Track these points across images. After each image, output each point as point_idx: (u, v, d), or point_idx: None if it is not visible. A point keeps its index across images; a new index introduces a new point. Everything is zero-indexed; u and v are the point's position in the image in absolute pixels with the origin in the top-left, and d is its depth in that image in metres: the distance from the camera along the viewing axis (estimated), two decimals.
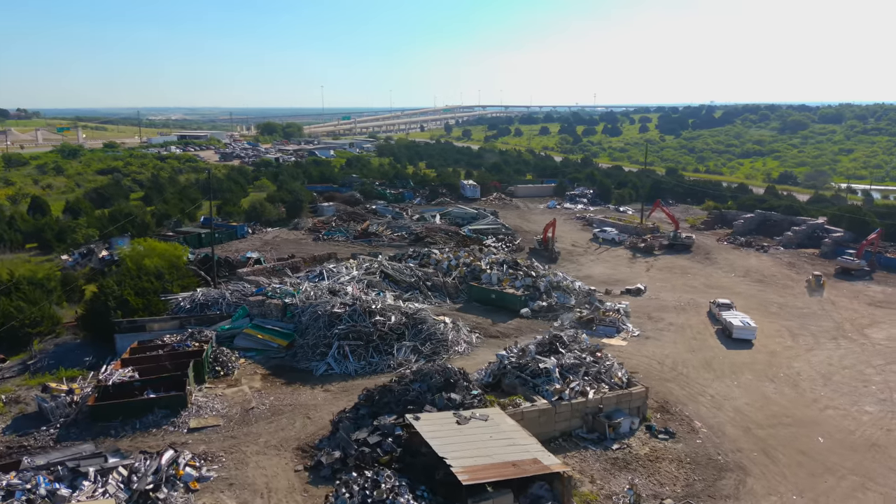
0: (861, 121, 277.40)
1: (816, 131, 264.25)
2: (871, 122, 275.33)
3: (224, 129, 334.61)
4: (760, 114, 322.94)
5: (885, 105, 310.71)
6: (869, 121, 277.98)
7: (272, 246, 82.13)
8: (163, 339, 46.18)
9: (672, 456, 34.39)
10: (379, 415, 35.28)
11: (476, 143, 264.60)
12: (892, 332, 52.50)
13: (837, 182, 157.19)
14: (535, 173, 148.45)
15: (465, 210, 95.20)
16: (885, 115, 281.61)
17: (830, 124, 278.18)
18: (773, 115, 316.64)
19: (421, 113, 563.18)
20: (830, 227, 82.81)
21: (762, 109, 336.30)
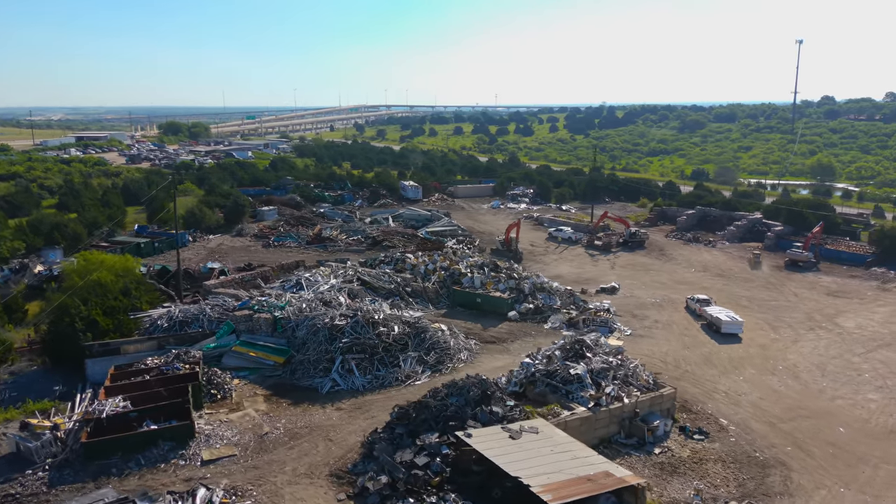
0: (753, 119, 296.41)
1: (714, 130, 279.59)
2: (762, 120, 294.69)
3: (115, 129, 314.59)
4: (660, 114, 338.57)
5: (772, 105, 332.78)
6: (760, 119, 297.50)
7: (220, 255, 77.49)
8: (145, 363, 42.03)
9: (714, 456, 34.49)
10: (417, 433, 33.37)
11: (392, 143, 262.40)
12: (860, 320, 55.47)
13: (745, 178, 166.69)
14: (465, 173, 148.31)
15: (418, 212, 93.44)
16: (774, 114, 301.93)
17: (725, 123, 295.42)
18: (672, 115, 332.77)
19: (326, 112, 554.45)
20: (769, 222, 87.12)
21: (661, 110, 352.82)
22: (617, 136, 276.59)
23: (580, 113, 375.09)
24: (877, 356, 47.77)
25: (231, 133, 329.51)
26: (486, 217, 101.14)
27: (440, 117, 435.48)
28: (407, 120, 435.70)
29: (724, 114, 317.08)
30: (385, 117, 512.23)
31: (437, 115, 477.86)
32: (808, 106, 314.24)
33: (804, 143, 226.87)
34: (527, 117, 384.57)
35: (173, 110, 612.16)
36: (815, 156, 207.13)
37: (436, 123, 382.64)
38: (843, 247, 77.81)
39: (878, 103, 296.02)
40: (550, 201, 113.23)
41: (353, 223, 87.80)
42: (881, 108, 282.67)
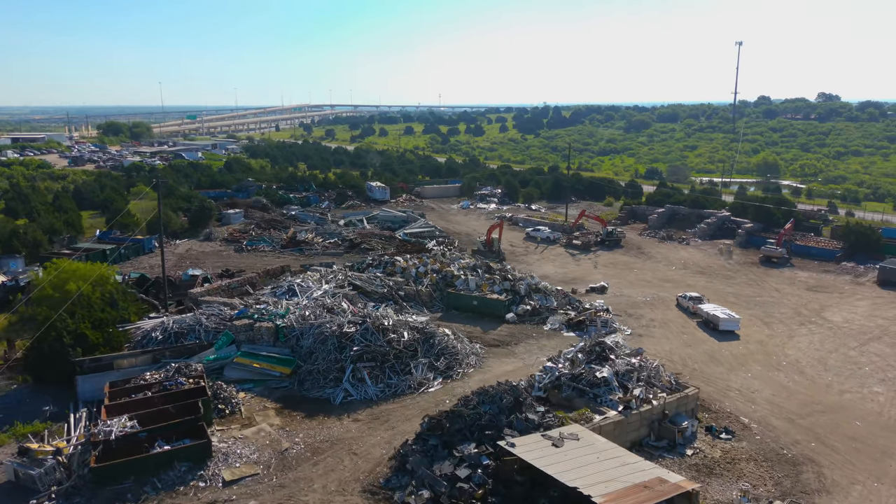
0: (695, 119, 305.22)
1: (659, 130, 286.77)
2: (703, 120, 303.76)
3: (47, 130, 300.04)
4: (605, 114, 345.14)
5: (711, 105, 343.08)
6: (701, 119, 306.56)
7: (192, 260, 74.36)
8: (144, 378, 39.51)
9: (744, 455, 34.56)
10: (452, 444, 32.25)
11: (343, 143, 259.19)
12: (845, 315, 57.08)
13: (695, 177, 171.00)
14: (426, 174, 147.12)
15: (393, 213, 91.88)
16: (714, 114, 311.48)
17: (669, 123, 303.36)
18: (617, 115, 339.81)
19: (269, 112, 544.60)
20: (737, 219, 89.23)
21: (605, 110, 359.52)
22: (566, 135, 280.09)
23: (527, 113, 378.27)
24: (871, 349, 49.11)
25: (172, 133, 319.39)
26: (458, 217, 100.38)
27: (387, 117, 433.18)
28: (353, 119, 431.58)
29: (667, 114, 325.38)
30: (331, 117, 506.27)
31: (382, 115, 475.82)
32: (746, 106, 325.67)
33: (747, 143, 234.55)
34: (476, 117, 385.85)
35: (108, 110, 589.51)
36: (759, 154, 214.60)
37: (384, 123, 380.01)
38: (811, 242, 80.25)
39: (812, 103, 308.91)
40: (518, 201, 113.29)
41: (326, 226, 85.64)
42: (815, 107, 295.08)
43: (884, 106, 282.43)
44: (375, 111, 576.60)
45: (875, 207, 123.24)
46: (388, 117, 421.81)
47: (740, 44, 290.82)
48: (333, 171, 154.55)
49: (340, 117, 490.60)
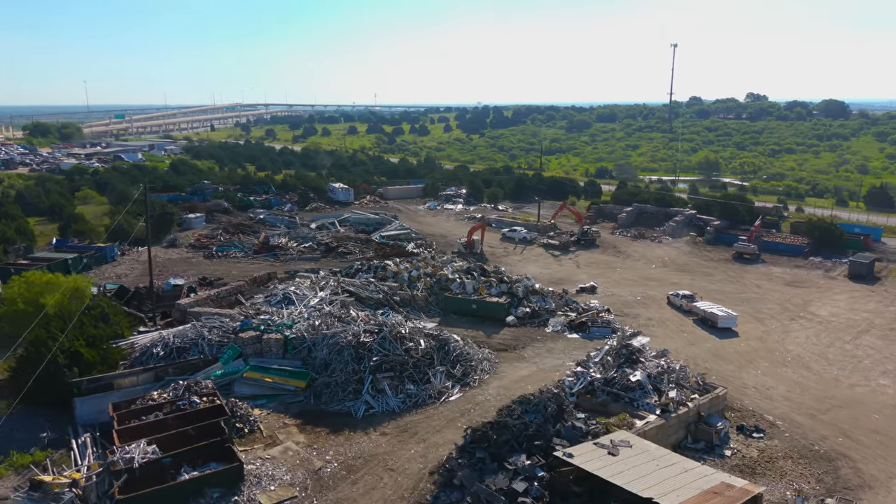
0: (633, 119, 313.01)
1: (600, 129, 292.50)
2: (639, 120, 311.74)
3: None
4: (546, 114, 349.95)
5: (647, 105, 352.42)
6: (638, 119, 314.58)
7: (160, 269, 70.55)
8: (152, 398, 36.86)
9: (780, 454, 34.86)
10: (500, 456, 31.22)
11: (286, 143, 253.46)
12: (830, 309, 58.94)
13: (642, 175, 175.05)
14: (381, 174, 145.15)
15: (365, 216, 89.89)
16: (650, 114, 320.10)
17: (608, 123, 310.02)
18: (558, 115, 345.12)
19: (200, 111, 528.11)
20: (703, 217, 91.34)
21: (546, 110, 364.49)
22: (511, 135, 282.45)
23: (468, 113, 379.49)
24: (864, 342, 50.75)
25: (100, 134, 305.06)
26: (428, 219, 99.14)
27: (326, 117, 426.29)
28: (292, 119, 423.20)
29: (606, 114, 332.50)
30: (267, 116, 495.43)
31: (320, 115, 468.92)
32: (679, 106, 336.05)
33: (685, 142, 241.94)
34: (419, 117, 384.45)
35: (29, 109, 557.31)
36: (698, 153, 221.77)
37: (325, 123, 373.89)
38: (778, 239, 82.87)
39: (742, 103, 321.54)
40: (483, 201, 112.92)
41: (298, 229, 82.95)
42: (746, 107, 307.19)
43: (809, 105, 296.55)
44: (311, 110, 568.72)
45: (816, 203, 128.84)
46: (327, 117, 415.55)
47: (675, 46, 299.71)
48: (286, 172, 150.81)
49: (277, 117, 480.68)
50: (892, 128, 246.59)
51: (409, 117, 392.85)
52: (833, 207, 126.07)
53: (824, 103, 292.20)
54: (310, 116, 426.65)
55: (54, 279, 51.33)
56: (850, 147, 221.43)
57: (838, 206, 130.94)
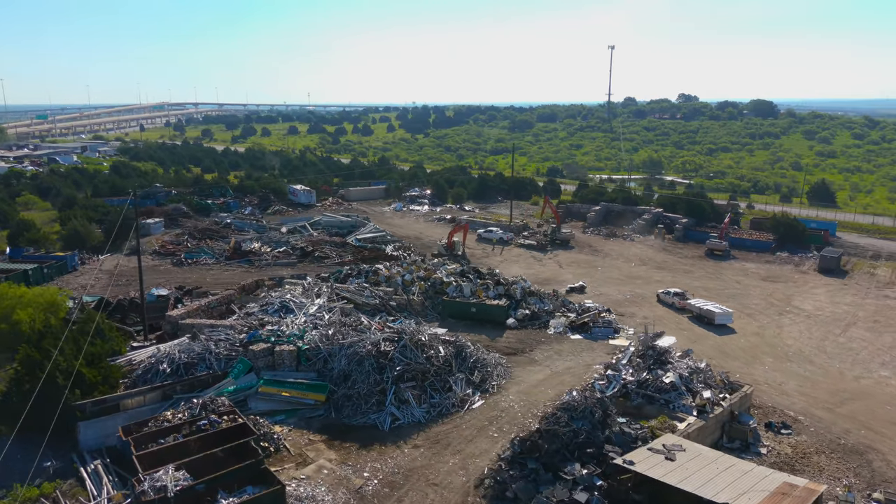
0: (573, 119, 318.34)
1: (542, 129, 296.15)
2: (579, 120, 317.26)
3: None
4: (488, 114, 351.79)
5: (585, 105, 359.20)
6: (577, 119, 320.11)
7: (128, 278, 66.73)
8: (166, 419, 34.30)
9: (812, 449, 35.34)
10: (553, 466, 30.39)
11: (224, 143, 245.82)
12: (813, 302, 60.72)
13: (594, 174, 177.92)
14: (333, 175, 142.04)
15: (338, 218, 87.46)
16: (590, 114, 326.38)
17: (549, 123, 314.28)
18: (500, 115, 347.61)
19: (127, 110, 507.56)
20: (669, 215, 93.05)
21: (488, 110, 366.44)
22: (455, 135, 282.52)
23: (409, 113, 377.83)
24: (854, 335, 52.42)
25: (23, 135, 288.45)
26: (396, 220, 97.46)
27: (263, 116, 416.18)
28: (227, 119, 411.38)
29: (546, 114, 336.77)
30: (199, 116, 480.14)
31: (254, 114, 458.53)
32: (616, 106, 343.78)
33: (627, 141, 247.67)
34: (359, 117, 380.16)
35: None
36: (639, 152, 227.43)
37: (262, 122, 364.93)
38: (745, 235, 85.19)
39: (675, 104, 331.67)
40: (448, 202, 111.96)
41: (269, 234, 79.97)
42: (679, 108, 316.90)
43: (739, 105, 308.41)
44: (243, 110, 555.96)
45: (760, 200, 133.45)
46: (264, 116, 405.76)
47: (612, 48, 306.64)
48: (234, 174, 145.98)
49: (210, 116, 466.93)
50: (818, 126, 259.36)
51: (348, 117, 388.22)
52: (777, 203, 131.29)
53: (753, 103, 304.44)
54: (246, 116, 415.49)
55: (27, 293, 47.64)
56: (782, 145, 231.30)
57: (782, 202, 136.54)
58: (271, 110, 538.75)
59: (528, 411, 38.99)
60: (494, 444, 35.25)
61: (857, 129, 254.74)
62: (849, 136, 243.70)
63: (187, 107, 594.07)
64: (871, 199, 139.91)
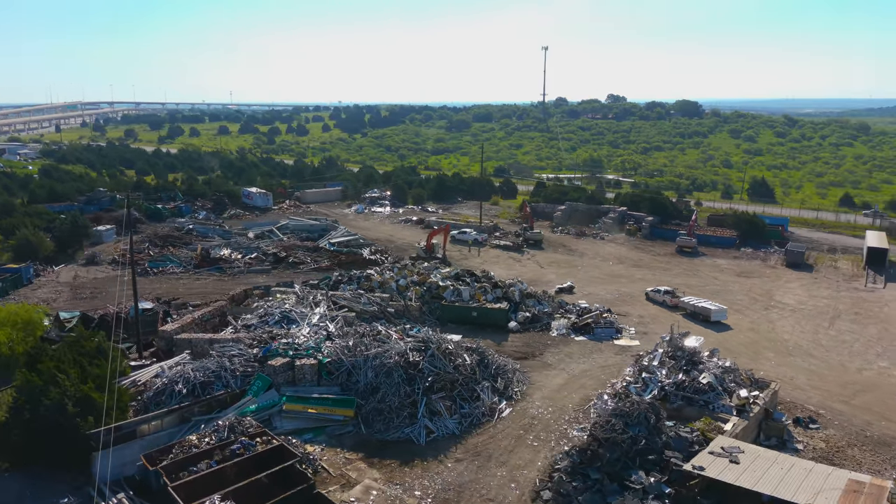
0: (509, 119, 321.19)
1: (479, 129, 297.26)
2: (514, 120, 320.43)
3: None
4: (424, 114, 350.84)
5: (519, 105, 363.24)
6: (513, 119, 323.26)
7: (92, 290, 62.46)
8: (192, 444, 31.64)
9: (843, 442, 36.03)
10: (617, 475, 29.71)
11: (151, 144, 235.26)
12: (793, 297, 62.63)
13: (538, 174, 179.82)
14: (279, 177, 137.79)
15: (306, 222, 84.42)
16: (525, 114, 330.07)
17: (486, 122, 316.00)
18: (435, 115, 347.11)
19: (36, 110, 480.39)
20: (633, 213, 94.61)
21: (424, 110, 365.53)
22: (394, 134, 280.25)
23: (343, 113, 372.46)
24: (842, 328, 54.28)
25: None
26: (361, 223, 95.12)
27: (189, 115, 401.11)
28: (149, 118, 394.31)
29: (482, 114, 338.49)
30: (117, 115, 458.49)
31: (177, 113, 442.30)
32: (549, 106, 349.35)
33: (565, 141, 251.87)
34: (292, 116, 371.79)
35: None
36: (577, 151, 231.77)
37: (189, 122, 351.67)
38: (709, 232, 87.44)
39: (605, 104, 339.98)
40: (408, 203, 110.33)
41: (236, 239, 76.36)
42: (610, 108, 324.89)
43: (666, 105, 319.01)
44: (162, 109, 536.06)
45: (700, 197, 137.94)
46: (190, 116, 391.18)
47: (546, 49, 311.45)
48: (173, 176, 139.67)
49: (129, 115, 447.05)
50: (742, 125, 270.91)
51: (279, 116, 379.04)
52: (720, 200, 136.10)
53: (679, 103, 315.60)
54: (170, 115, 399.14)
55: (2, 310, 43.44)
56: (711, 144, 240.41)
57: (724, 199, 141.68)
58: (192, 109, 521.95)
59: (559, 417, 38.28)
60: (537, 454, 34.35)
61: (778, 127, 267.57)
62: (771, 135, 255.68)
63: (102, 106, 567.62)
64: (803, 195, 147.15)
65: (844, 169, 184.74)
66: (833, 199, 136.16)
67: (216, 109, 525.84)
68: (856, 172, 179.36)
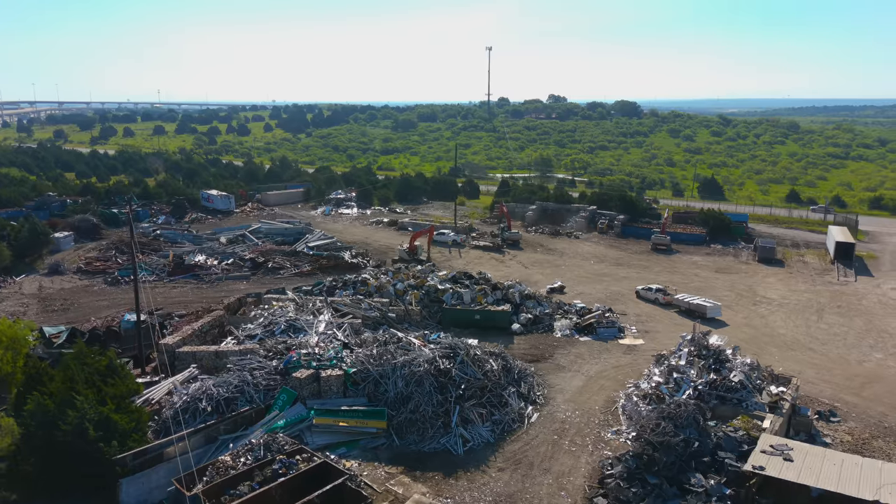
0: (454, 118, 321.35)
1: (426, 129, 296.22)
2: (460, 120, 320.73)
3: None
4: (368, 113, 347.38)
5: (463, 106, 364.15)
6: (458, 119, 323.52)
7: (62, 302, 58.70)
8: (229, 465, 29.63)
9: (866, 434, 36.90)
10: (675, 479, 29.43)
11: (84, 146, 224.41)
12: (775, 291, 64.25)
13: (493, 174, 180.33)
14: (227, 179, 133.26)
15: (279, 225, 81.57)
16: (469, 114, 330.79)
17: (431, 122, 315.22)
18: (380, 115, 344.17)
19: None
20: (602, 211, 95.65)
21: (367, 109, 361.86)
22: (339, 134, 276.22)
23: (284, 113, 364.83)
24: (831, 321, 55.93)
25: None
26: (331, 225, 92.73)
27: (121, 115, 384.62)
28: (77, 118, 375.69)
29: (427, 113, 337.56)
30: (42, 115, 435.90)
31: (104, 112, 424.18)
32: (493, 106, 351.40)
33: (513, 140, 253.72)
34: (231, 116, 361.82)
35: None
36: (525, 150, 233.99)
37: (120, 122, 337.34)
38: (679, 229, 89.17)
39: (547, 104, 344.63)
40: (374, 204, 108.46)
41: (207, 245, 73.10)
42: (553, 108, 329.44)
43: (606, 105, 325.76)
44: (87, 108, 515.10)
45: (651, 194, 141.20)
46: (122, 116, 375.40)
47: (490, 49, 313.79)
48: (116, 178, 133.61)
49: (55, 115, 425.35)
50: (679, 125, 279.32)
51: (216, 116, 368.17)
52: (671, 198, 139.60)
53: (619, 104, 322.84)
54: (100, 115, 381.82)
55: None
56: (653, 143, 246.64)
57: (675, 196, 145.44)
58: (120, 108, 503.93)
59: (589, 421, 37.88)
60: (578, 460, 33.83)
61: (714, 126, 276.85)
62: (708, 134, 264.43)
63: (23, 105, 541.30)
64: (747, 192, 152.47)
65: (781, 166, 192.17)
66: (775, 196, 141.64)
67: (145, 108, 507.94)
68: (792, 169, 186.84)
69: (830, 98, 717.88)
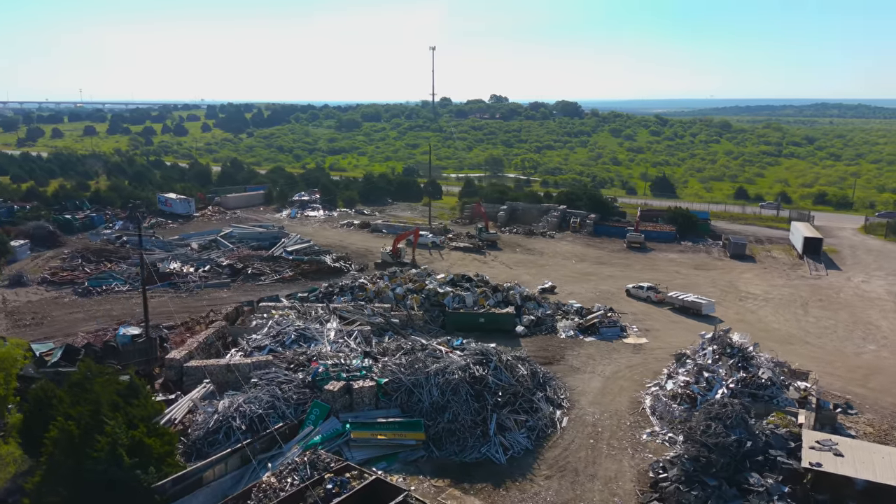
0: (399, 118, 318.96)
1: (371, 129, 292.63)
2: (404, 120, 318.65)
3: None
4: (310, 113, 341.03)
5: (407, 105, 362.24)
6: (402, 119, 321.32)
7: (32, 315, 54.76)
8: (272, 486, 27.88)
9: (886, 425, 37.96)
10: (733, 480, 29.41)
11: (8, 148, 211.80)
12: (756, 286, 65.91)
13: (446, 174, 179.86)
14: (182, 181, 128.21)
15: (253, 230, 78.41)
16: (414, 113, 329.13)
17: (376, 122, 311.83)
18: (322, 114, 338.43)
19: None
20: (572, 211, 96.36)
21: (307, 108, 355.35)
22: (282, 134, 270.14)
23: (221, 112, 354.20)
24: (818, 314, 57.72)
25: None
26: (298, 228, 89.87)
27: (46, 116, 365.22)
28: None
29: (371, 113, 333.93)
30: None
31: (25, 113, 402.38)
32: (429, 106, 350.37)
33: (460, 140, 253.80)
34: (165, 115, 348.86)
35: None
36: (473, 150, 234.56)
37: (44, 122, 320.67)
38: (650, 227, 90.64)
39: (490, 104, 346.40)
40: (339, 206, 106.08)
41: (180, 251, 69.66)
42: (497, 108, 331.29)
43: (548, 106, 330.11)
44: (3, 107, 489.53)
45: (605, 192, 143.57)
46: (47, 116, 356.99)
47: (434, 49, 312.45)
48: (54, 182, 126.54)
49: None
50: (620, 125, 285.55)
51: (148, 115, 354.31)
52: (625, 196, 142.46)
53: (560, 104, 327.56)
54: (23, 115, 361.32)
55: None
56: (597, 143, 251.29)
57: (629, 194, 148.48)
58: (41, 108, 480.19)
59: (620, 423, 37.64)
60: (620, 464, 33.50)
61: (652, 126, 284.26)
62: (647, 133, 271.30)
63: None
64: (692, 190, 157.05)
65: (720, 164, 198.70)
66: (720, 194, 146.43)
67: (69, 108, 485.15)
68: (731, 167, 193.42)
69: (752, 98, 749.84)
